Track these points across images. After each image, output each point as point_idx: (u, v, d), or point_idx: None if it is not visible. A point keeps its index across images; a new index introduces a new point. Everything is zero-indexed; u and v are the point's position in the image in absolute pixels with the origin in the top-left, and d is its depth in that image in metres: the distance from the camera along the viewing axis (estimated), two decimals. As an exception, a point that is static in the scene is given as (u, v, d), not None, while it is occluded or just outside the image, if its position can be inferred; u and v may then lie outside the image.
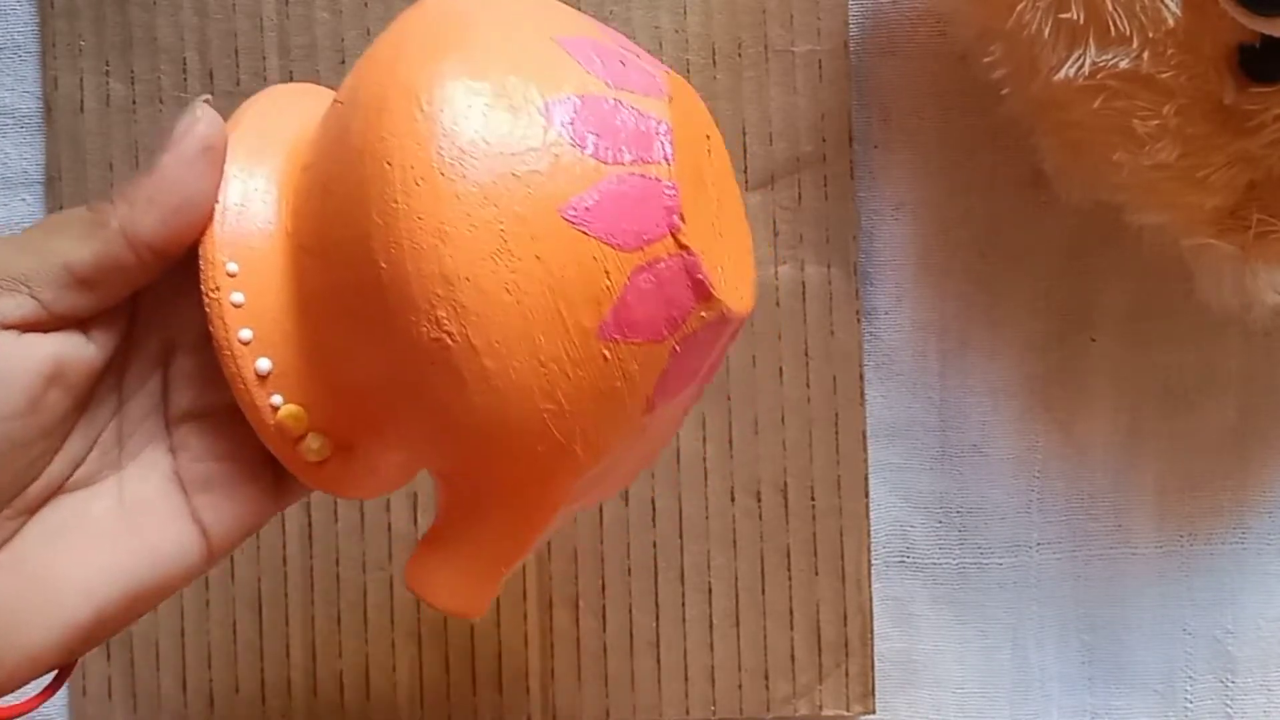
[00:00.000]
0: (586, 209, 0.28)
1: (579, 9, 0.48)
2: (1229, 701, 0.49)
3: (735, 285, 0.32)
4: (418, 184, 0.28)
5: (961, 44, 0.47)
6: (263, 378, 0.30)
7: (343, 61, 0.48)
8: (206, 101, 0.31)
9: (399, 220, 0.28)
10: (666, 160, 0.29)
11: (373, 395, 0.30)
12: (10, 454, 0.29)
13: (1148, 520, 0.49)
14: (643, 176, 0.29)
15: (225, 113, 0.32)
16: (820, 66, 0.47)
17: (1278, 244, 0.41)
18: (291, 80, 0.48)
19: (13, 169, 0.49)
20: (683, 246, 0.29)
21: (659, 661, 0.48)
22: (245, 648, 0.48)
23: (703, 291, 0.30)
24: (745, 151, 0.47)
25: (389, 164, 0.28)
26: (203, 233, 0.30)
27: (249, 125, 0.32)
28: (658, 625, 0.48)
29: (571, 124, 0.29)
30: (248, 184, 0.31)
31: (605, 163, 0.29)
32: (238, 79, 0.48)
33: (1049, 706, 0.49)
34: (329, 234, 0.29)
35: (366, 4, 0.48)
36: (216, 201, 0.30)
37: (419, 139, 0.28)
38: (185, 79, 0.48)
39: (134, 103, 0.48)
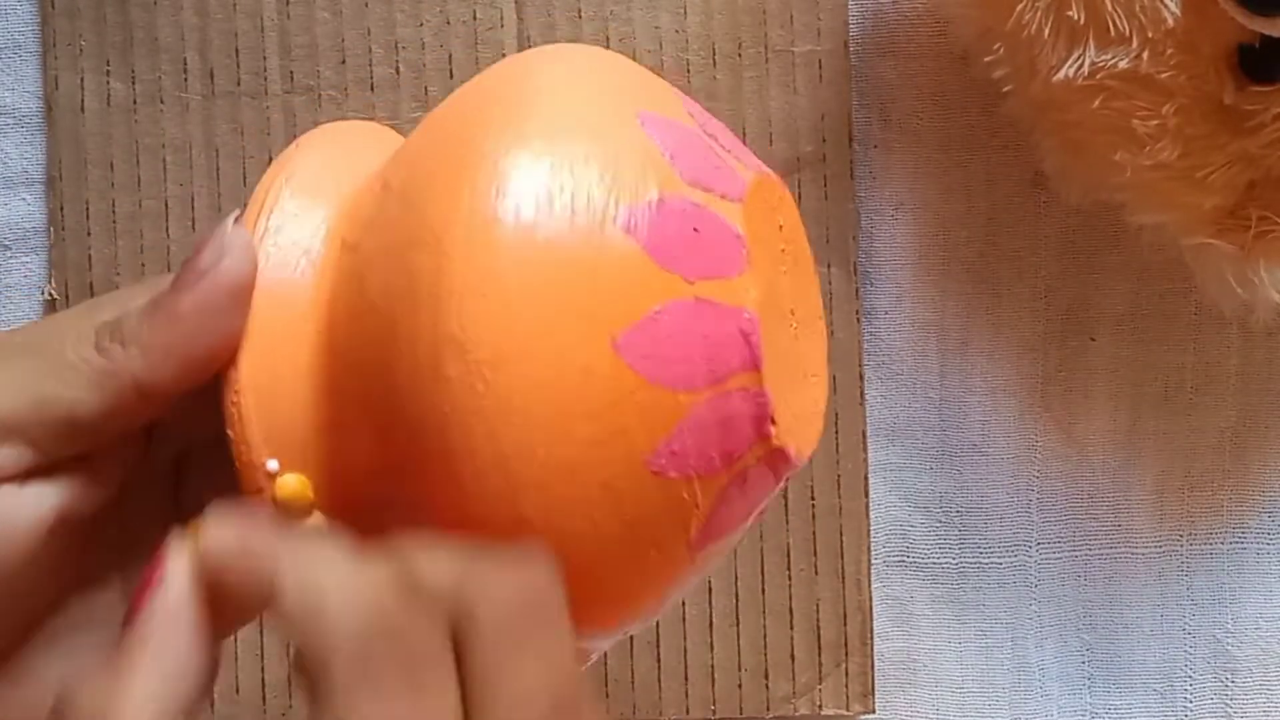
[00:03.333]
0: (672, 452, 0.26)
1: (579, 11, 0.48)
2: (1228, 701, 0.49)
3: (805, 431, 0.29)
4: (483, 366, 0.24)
5: (961, 44, 0.47)
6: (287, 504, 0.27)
7: (343, 61, 0.48)
8: (238, 221, 0.27)
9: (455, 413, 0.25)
10: (756, 366, 0.26)
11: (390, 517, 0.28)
12: (11, 605, 0.27)
13: (1148, 520, 0.49)
14: (728, 394, 0.26)
15: (226, 113, 0.31)
16: (820, 66, 0.47)
17: (1278, 244, 0.41)
18: (292, 81, 0.48)
19: (13, 169, 0.49)
20: (774, 449, 0.27)
21: (659, 661, 0.48)
22: (245, 648, 0.48)
23: (783, 472, 0.28)
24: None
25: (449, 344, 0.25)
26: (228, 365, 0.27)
27: (295, 170, 0.29)
28: (657, 625, 0.48)
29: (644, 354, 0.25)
30: (286, 255, 0.27)
31: (687, 391, 0.26)
32: (238, 79, 0.48)
33: (1049, 706, 0.49)
34: (379, 378, 0.26)
35: (367, 4, 0.48)
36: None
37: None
38: (186, 79, 0.48)
39: (135, 102, 0.48)
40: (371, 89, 0.48)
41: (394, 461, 0.26)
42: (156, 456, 0.30)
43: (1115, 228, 0.47)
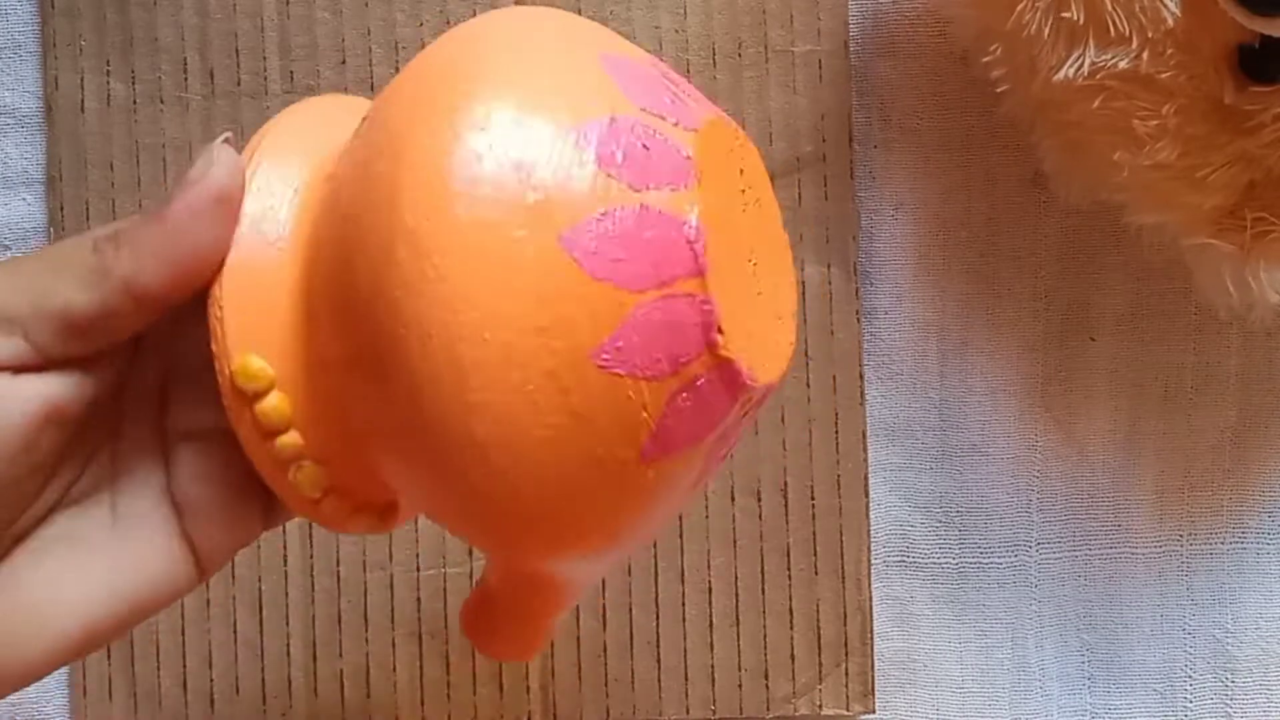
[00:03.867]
0: (618, 349, 0.27)
1: (580, 8, 0.48)
2: (1228, 700, 0.49)
3: (765, 359, 0.30)
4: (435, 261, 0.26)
5: (961, 44, 0.47)
6: (264, 414, 0.29)
7: (343, 61, 0.48)
8: (227, 141, 0.29)
9: (417, 300, 0.26)
10: (700, 273, 0.27)
11: (377, 443, 0.29)
12: (2, 495, 0.28)
13: (1147, 520, 0.49)
14: (673, 297, 0.27)
15: (226, 113, 0.32)
16: (820, 66, 0.47)
17: (1277, 244, 0.41)
18: (292, 81, 0.48)
19: (13, 169, 0.49)
20: (722, 360, 0.28)
21: (659, 661, 0.48)
22: (245, 647, 0.48)
23: (737, 390, 0.28)
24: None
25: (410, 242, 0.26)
26: (212, 280, 0.29)
27: (279, 131, 0.31)
28: (658, 625, 0.48)
29: (594, 239, 0.27)
30: (267, 199, 0.29)
31: (632, 290, 0.27)
32: (238, 79, 0.48)
33: (1049, 706, 0.49)
34: (344, 276, 0.28)
35: (367, 4, 0.48)
36: (229, 246, 0.29)
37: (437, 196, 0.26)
38: (186, 79, 0.48)
39: (135, 103, 0.48)
40: (372, 89, 0.48)
41: (354, 351, 0.28)
42: (143, 378, 0.31)
43: (1115, 228, 0.47)
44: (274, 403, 0.29)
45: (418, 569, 0.48)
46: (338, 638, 0.48)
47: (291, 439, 0.29)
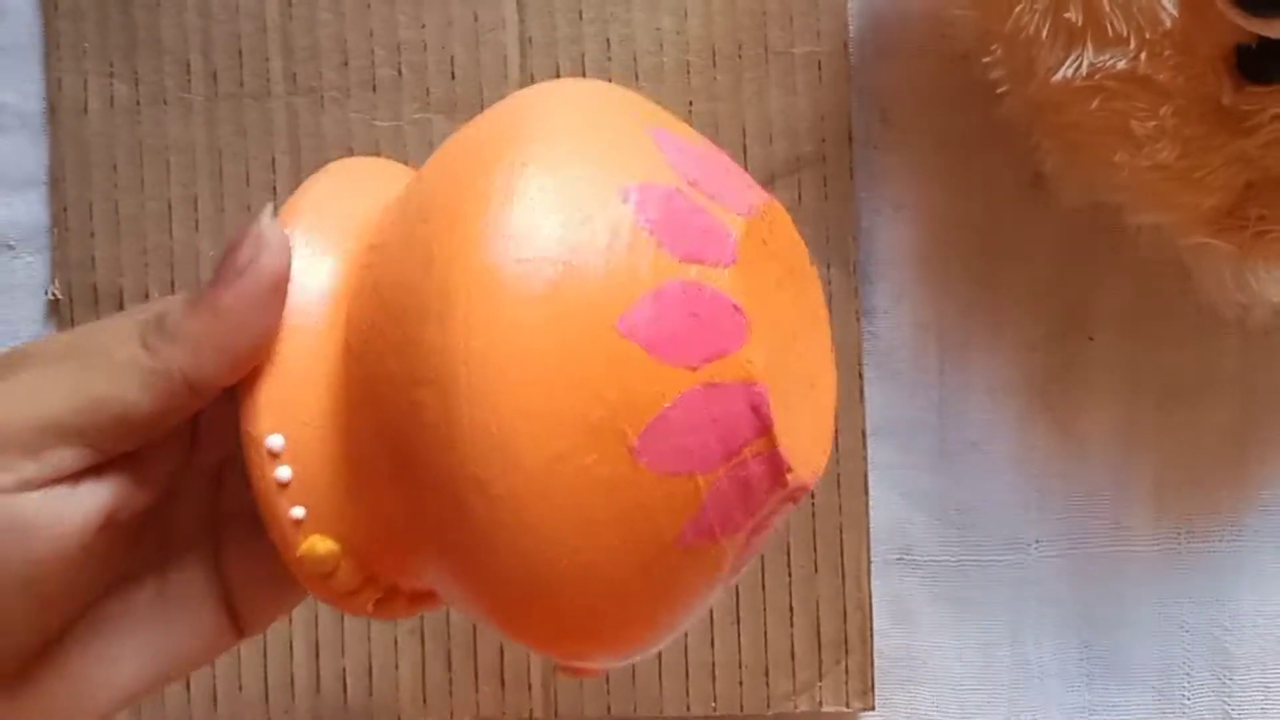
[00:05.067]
0: (698, 529, 0.26)
1: (580, 13, 0.48)
2: (1227, 698, 0.49)
3: (817, 450, 0.30)
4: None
5: (961, 44, 0.47)
6: (297, 522, 0.28)
7: (346, 63, 0.48)
8: (274, 216, 0.28)
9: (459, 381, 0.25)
10: (769, 433, 0.27)
11: (413, 542, 0.28)
12: (59, 600, 0.28)
13: (1146, 518, 0.49)
14: (745, 463, 0.27)
15: (229, 114, 0.31)
16: (820, 67, 0.48)
17: (1276, 243, 0.41)
18: (295, 82, 0.48)
19: (16, 170, 0.49)
20: (793, 491, 0.27)
21: (659, 658, 0.48)
22: (248, 645, 0.48)
23: (800, 498, 0.28)
24: (745, 152, 0.48)
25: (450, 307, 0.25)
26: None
27: (314, 203, 0.30)
28: (659, 623, 0.48)
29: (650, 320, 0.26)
30: (303, 280, 0.28)
31: (706, 472, 0.26)
32: (241, 80, 0.48)
33: (1048, 703, 0.49)
34: (379, 356, 0.27)
35: (370, 5, 0.48)
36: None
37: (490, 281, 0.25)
38: (189, 80, 0.48)
39: (138, 104, 0.48)
40: (374, 90, 0.48)
41: (392, 453, 0.27)
42: (200, 460, 0.31)
43: (1115, 228, 0.47)
44: (320, 546, 0.28)
45: (420, 567, 0.48)
46: (340, 636, 0.48)
47: (325, 546, 0.28)
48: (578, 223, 0.26)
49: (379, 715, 0.48)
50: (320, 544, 0.28)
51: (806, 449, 0.29)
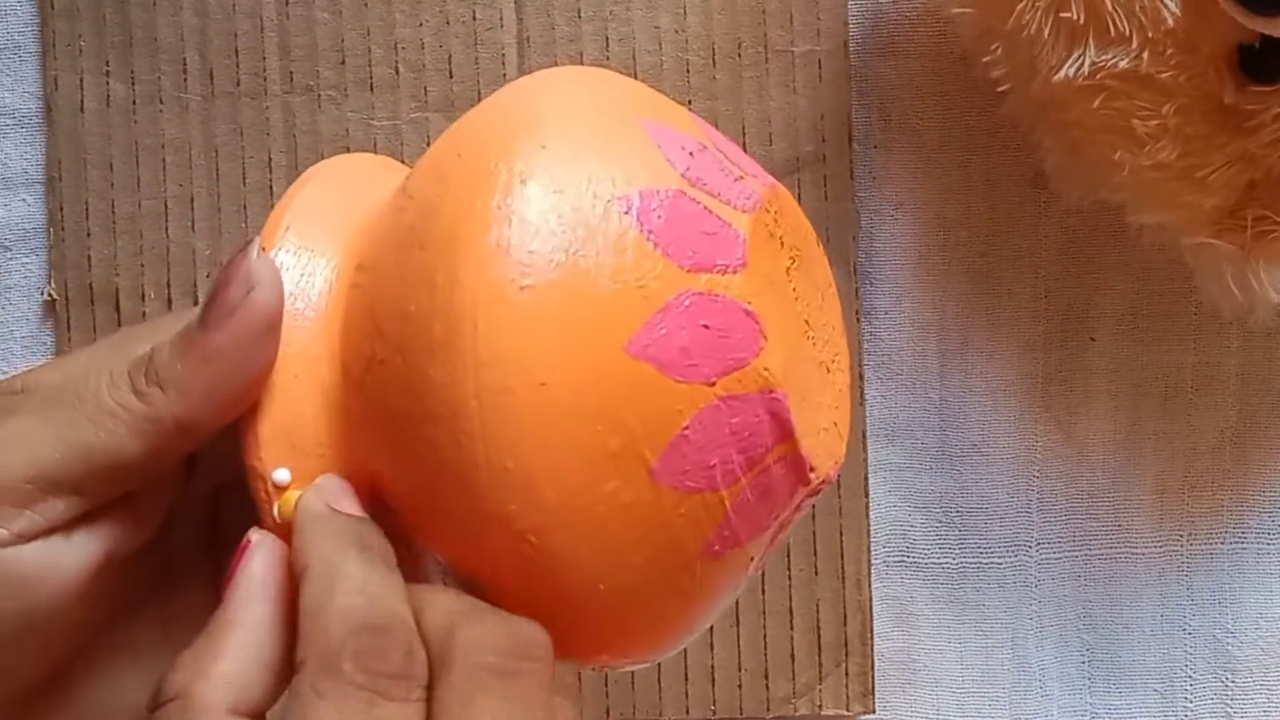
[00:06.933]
0: (723, 538, 0.26)
1: (579, 11, 0.48)
2: (1229, 701, 0.49)
3: (836, 439, 0.29)
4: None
5: (961, 44, 0.47)
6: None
7: (343, 62, 0.48)
8: (263, 251, 0.27)
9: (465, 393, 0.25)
10: (791, 438, 0.26)
11: (424, 539, 0.28)
12: (60, 641, 0.28)
13: (1148, 520, 0.49)
14: (768, 470, 0.27)
15: (226, 113, 0.31)
16: (820, 66, 0.47)
17: (1278, 244, 0.41)
18: (291, 81, 0.48)
19: (13, 169, 0.49)
20: (815, 487, 0.27)
21: (659, 661, 0.48)
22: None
23: (806, 479, 0.28)
24: (745, 152, 0.47)
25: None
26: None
27: (299, 212, 0.29)
28: (658, 625, 0.48)
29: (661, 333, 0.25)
30: (293, 302, 0.27)
31: (730, 485, 0.26)
32: (238, 79, 0.48)
33: (1049, 706, 0.49)
34: (384, 388, 0.26)
35: (367, 4, 0.48)
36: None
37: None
38: (185, 79, 0.48)
39: (134, 103, 0.48)
40: (371, 89, 0.48)
41: (401, 453, 0.26)
42: (195, 491, 0.31)
43: (1115, 228, 0.47)
44: None
45: (417, 569, 0.48)
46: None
47: None
48: (580, 242, 0.25)
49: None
50: (293, 497, 0.27)
51: (827, 441, 0.29)
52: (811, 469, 0.27)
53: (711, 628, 0.48)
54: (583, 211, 0.25)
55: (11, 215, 0.49)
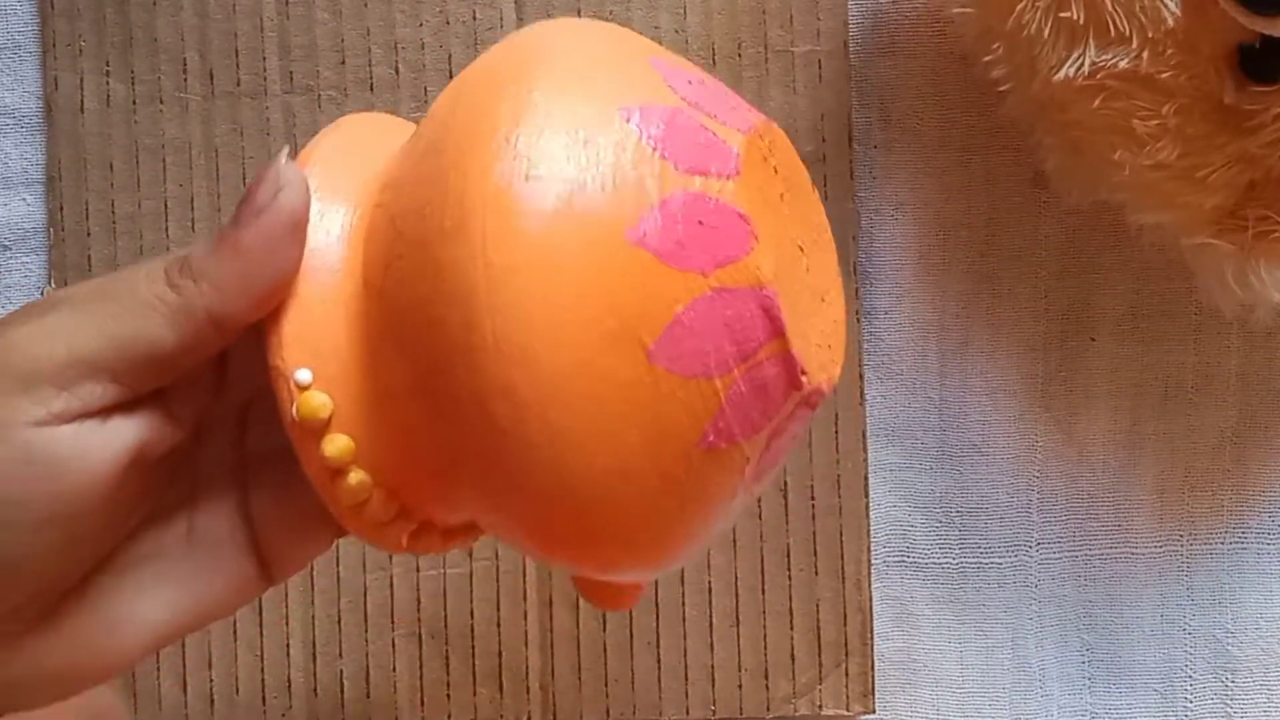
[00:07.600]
0: (718, 430, 0.27)
1: (578, 11, 0.48)
2: (1229, 701, 0.49)
3: (829, 357, 0.30)
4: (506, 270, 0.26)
5: (961, 44, 0.47)
6: (328, 455, 0.29)
7: (343, 62, 0.48)
8: (290, 158, 0.29)
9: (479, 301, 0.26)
10: (782, 335, 0.28)
11: (444, 464, 0.29)
12: (88, 536, 0.28)
13: (1148, 520, 0.49)
14: (760, 365, 0.28)
15: (226, 113, 0.31)
16: (820, 66, 0.47)
17: (1278, 244, 0.41)
18: (291, 81, 0.48)
19: (13, 169, 0.49)
20: (808, 395, 0.28)
21: (659, 661, 0.48)
22: (245, 648, 0.48)
23: (817, 404, 0.29)
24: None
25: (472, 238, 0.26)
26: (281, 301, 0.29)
27: (329, 147, 0.31)
28: (658, 625, 0.48)
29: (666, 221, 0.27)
30: (322, 220, 0.29)
31: (723, 374, 0.27)
32: (238, 79, 0.48)
33: (1049, 706, 0.49)
34: (400, 282, 0.28)
35: (367, 4, 0.48)
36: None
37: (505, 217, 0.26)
38: (185, 79, 0.48)
39: (134, 103, 0.48)
40: (371, 89, 0.48)
41: (421, 373, 0.28)
42: (225, 403, 0.32)
43: (1115, 228, 0.47)
44: (340, 443, 0.29)
45: (417, 569, 0.48)
46: (337, 638, 0.48)
47: (357, 476, 0.29)
48: (584, 141, 0.27)
49: (376, 718, 0.48)
50: (352, 474, 0.29)
51: (820, 355, 0.30)
52: (803, 371, 0.28)
53: (711, 628, 0.48)
54: (587, 117, 0.27)
55: (11, 215, 0.49)
